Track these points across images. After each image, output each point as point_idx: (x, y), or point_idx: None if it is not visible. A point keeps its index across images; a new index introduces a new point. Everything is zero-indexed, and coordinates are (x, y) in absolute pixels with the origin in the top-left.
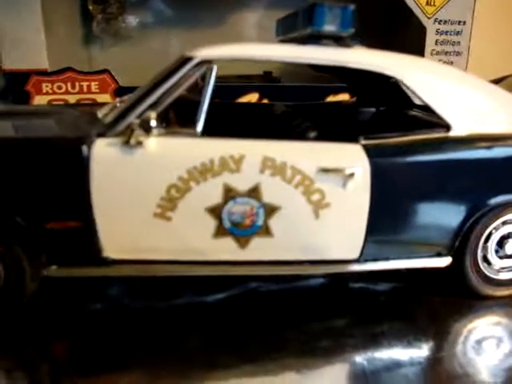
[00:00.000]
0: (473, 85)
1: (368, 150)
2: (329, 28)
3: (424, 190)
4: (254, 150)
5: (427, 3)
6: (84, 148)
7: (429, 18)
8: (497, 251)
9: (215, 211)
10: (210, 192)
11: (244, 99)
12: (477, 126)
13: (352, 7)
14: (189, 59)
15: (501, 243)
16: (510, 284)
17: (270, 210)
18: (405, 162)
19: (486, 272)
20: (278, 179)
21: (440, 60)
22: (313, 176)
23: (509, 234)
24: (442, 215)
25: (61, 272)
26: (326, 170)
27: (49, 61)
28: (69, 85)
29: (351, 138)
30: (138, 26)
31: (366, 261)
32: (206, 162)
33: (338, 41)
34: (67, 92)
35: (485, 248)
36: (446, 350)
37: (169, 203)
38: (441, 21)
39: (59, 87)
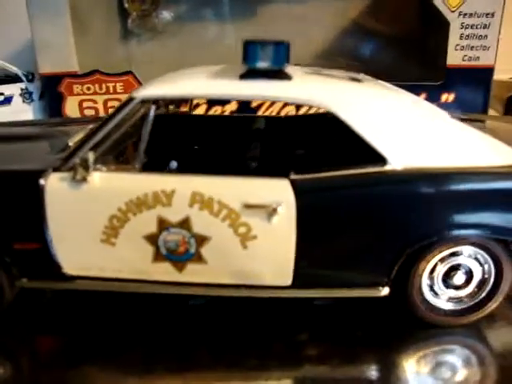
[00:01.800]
0: (418, 117)
1: (296, 185)
2: (262, 64)
3: (355, 223)
4: (183, 186)
5: None
6: (41, 181)
7: (452, 12)
8: (445, 281)
9: (152, 239)
10: (146, 222)
11: None
12: (415, 160)
13: (286, 43)
14: (131, 99)
15: (449, 274)
16: (459, 314)
17: (201, 240)
18: (335, 196)
19: (433, 302)
20: (206, 213)
21: (465, 55)
22: (238, 211)
23: (458, 265)
24: (374, 248)
25: (30, 284)
26: (250, 206)
27: (89, 58)
28: (96, 86)
29: (285, 172)
30: (172, 21)
31: (301, 288)
32: (141, 196)
33: (277, 74)
34: (95, 93)
35: (431, 279)
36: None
37: (111, 231)
38: (466, 14)
39: (88, 88)
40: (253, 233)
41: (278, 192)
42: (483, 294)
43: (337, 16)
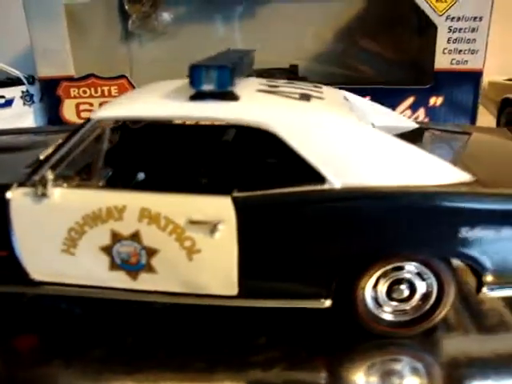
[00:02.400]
0: (359, 136)
1: (237, 202)
2: (207, 87)
3: (294, 239)
4: (133, 202)
5: (437, 0)
6: (7, 194)
7: (440, 16)
8: (389, 294)
9: (106, 250)
10: (101, 235)
11: None
12: (354, 179)
13: (229, 67)
14: (88, 120)
15: (392, 288)
16: (404, 325)
17: (150, 252)
18: (274, 213)
19: (377, 314)
20: (154, 227)
21: (453, 59)
22: (183, 226)
23: (400, 279)
24: (313, 263)
25: (3, 288)
26: (194, 222)
27: (93, 58)
28: (92, 89)
29: (229, 189)
30: (172, 22)
31: (247, 297)
32: (96, 211)
33: (224, 96)
34: (91, 96)
35: (375, 291)
36: None
37: (71, 242)
38: (453, 18)
39: (84, 91)
40: (197, 247)
41: (220, 209)
42: (427, 307)
43: (330, 19)
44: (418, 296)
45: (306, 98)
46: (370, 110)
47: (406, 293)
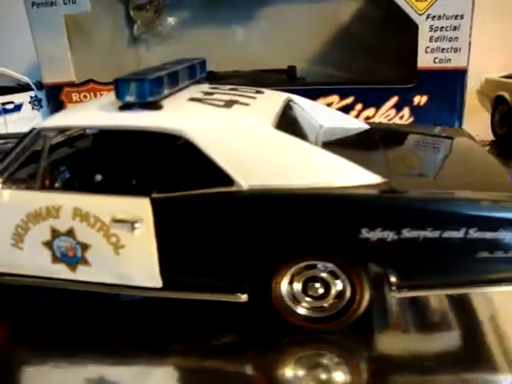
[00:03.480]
0: (266, 140)
1: (154, 202)
2: (129, 99)
3: (206, 238)
4: (67, 202)
5: None
6: None
7: (420, 15)
8: (305, 291)
9: (48, 245)
10: (42, 231)
11: None
12: (261, 180)
13: (149, 79)
14: (32, 130)
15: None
16: (322, 321)
17: (84, 247)
18: (188, 214)
19: (295, 309)
20: (85, 224)
21: (436, 57)
22: (108, 224)
23: (314, 277)
24: (226, 260)
25: None
26: (117, 221)
27: (96, 64)
28: (92, 94)
29: (149, 191)
30: (177, 27)
31: (171, 290)
32: (37, 210)
33: (150, 105)
34: None
35: (291, 288)
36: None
37: (18, 237)
38: (434, 16)
39: (85, 96)
40: (121, 242)
41: (140, 209)
42: (343, 305)
43: (326, 20)
44: (333, 294)
45: (229, 105)
46: (320, 113)
47: (321, 290)
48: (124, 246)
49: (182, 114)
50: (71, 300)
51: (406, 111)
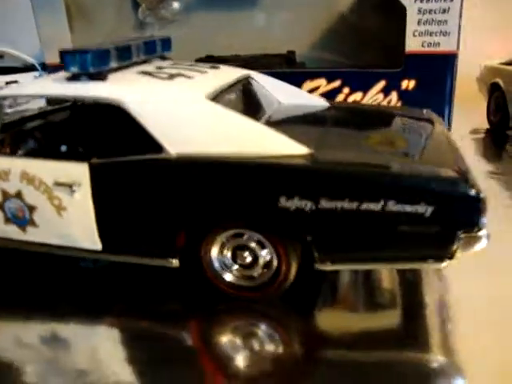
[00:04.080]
0: (196, 111)
1: (92, 168)
2: (73, 70)
3: (138, 202)
4: (16, 166)
5: None
6: None
7: None
8: (235, 259)
9: (1, 207)
10: None
11: None
12: (189, 148)
13: (93, 50)
14: None
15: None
16: (253, 290)
17: (31, 209)
18: (121, 179)
19: (226, 277)
20: (32, 188)
21: (424, 41)
22: (51, 187)
23: (243, 245)
24: (157, 225)
25: None
26: (58, 184)
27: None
28: None
29: (90, 157)
30: (181, 11)
31: (109, 253)
32: None
33: (96, 76)
34: None
35: (222, 255)
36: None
37: None
38: None
39: None
40: (63, 204)
41: (78, 173)
42: (271, 274)
43: (325, 5)
44: (261, 263)
45: (172, 77)
46: (280, 90)
47: (249, 259)
48: (65, 208)
49: (120, 85)
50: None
51: (393, 95)
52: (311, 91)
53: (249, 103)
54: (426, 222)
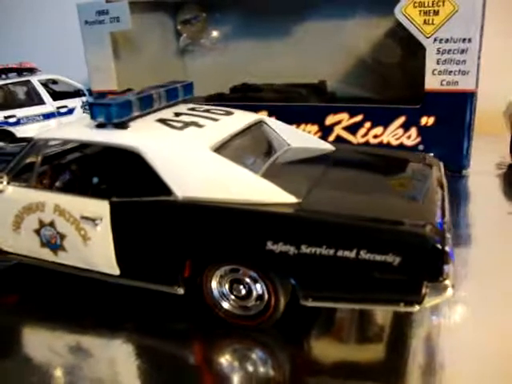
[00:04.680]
0: (201, 160)
1: (112, 205)
2: (100, 120)
3: (150, 237)
4: (49, 199)
5: (425, 22)
6: None
7: (428, 38)
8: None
9: (37, 232)
10: (33, 221)
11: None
12: (194, 193)
13: (116, 103)
14: (31, 140)
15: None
16: (249, 319)
17: (62, 236)
18: (137, 216)
19: (226, 307)
20: (62, 219)
21: (443, 80)
22: (78, 219)
23: (239, 279)
24: (165, 257)
25: None
26: (84, 217)
27: (151, 71)
28: None
29: (111, 195)
30: (220, 40)
31: (125, 278)
32: (30, 204)
33: (119, 125)
34: None
35: (221, 286)
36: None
37: (16, 224)
38: (442, 39)
39: None
40: (88, 235)
41: (101, 209)
42: (262, 306)
43: (356, 39)
44: (254, 296)
45: (184, 127)
46: (289, 134)
47: (243, 292)
48: (90, 238)
49: (138, 134)
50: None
51: (413, 131)
52: (334, 124)
53: (256, 147)
54: (394, 271)
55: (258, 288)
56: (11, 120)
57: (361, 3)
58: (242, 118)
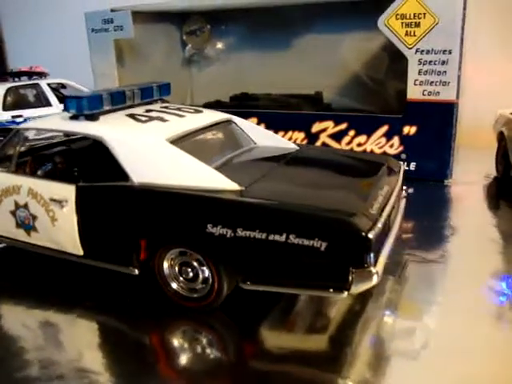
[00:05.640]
0: (155, 150)
1: (78, 189)
2: (72, 111)
3: (108, 219)
4: (25, 183)
5: (407, 34)
6: None
7: (409, 49)
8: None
9: (13, 214)
10: (9, 203)
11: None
12: (149, 179)
13: (87, 96)
14: (14, 130)
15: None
16: (198, 300)
17: (34, 218)
18: (96, 199)
19: (176, 288)
20: (35, 201)
21: (425, 90)
22: (48, 202)
23: (187, 262)
24: (121, 238)
25: None
26: (53, 200)
27: (160, 77)
28: None
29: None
30: (224, 51)
31: (89, 258)
32: (7, 187)
33: (91, 117)
34: None
35: (172, 268)
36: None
37: None
38: (423, 51)
39: None
40: (56, 216)
41: (68, 192)
42: (208, 288)
43: (354, 52)
44: (200, 279)
45: (149, 121)
46: (257, 134)
47: (191, 274)
48: (57, 219)
49: (105, 125)
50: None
51: (395, 140)
52: (320, 132)
53: (217, 143)
54: (321, 256)
55: (205, 271)
56: (18, 120)
57: (356, 19)
58: (208, 116)
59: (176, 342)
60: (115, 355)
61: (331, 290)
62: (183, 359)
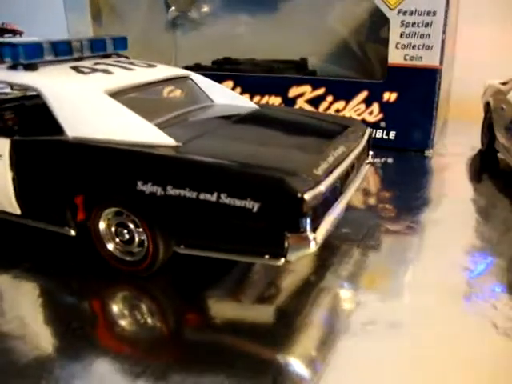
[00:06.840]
0: (92, 102)
1: (12, 143)
2: (7, 60)
3: (44, 176)
4: None
5: None
6: None
7: (392, 10)
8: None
9: None
10: None
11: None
12: (84, 133)
13: (23, 44)
14: None
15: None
16: (135, 264)
17: None
18: (31, 154)
19: (113, 251)
20: None
21: (407, 54)
22: None
23: (124, 223)
24: (56, 196)
25: None
26: None
27: (146, 41)
28: None
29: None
30: (210, 14)
31: (27, 218)
32: None
33: (30, 67)
34: None
35: (109, 230)
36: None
37: None
38: (406, 12)
39: None
40: None
41: (3, 147)
42: (144, 252)
43: (338, 17)
44: (136, 241)
45: (91, 72)
46: (216, 92)
47: (127, 236)
48: None
49: (42, 76)
50: None
51: (375, 107)
52: (298, 97)
53: (166, 99)
54: (254, 218)
55: (142, 234)
56: None
57: None
58: (160, 71)
59: (115, 307)
60: (49, 318)
61: (267, 257)
62: (120, 326)
